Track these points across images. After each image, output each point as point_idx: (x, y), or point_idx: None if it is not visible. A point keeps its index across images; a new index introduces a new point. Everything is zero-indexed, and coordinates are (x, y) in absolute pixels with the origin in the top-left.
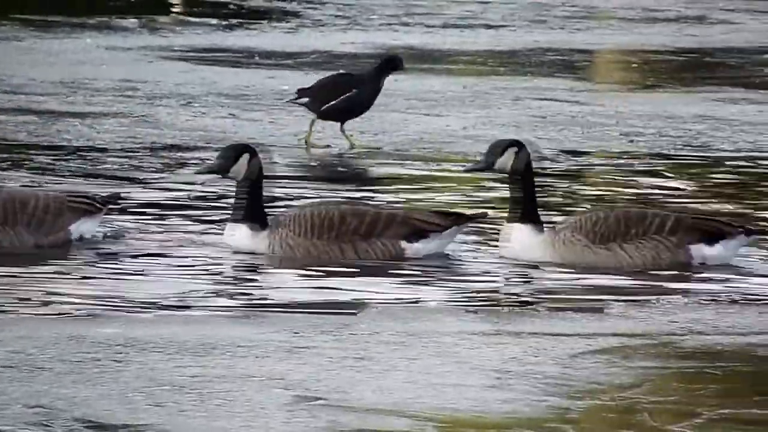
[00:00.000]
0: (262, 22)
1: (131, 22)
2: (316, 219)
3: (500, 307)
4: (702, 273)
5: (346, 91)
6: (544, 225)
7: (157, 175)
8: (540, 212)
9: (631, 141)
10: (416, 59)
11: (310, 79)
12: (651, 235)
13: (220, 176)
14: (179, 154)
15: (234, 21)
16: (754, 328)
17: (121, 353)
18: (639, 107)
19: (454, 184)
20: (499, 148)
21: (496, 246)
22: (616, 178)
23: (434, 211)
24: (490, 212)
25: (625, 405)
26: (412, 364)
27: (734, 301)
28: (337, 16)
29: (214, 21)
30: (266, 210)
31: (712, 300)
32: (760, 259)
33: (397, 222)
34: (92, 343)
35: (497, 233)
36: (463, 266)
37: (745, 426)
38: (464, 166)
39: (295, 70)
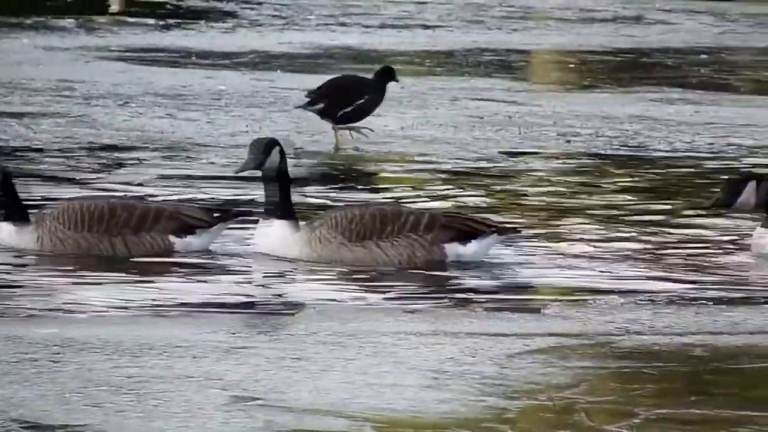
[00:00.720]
0: (199, 22)
1: (69, 22)
2: (85, 212)
3: (438, 307)
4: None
5: (359, 97)
6: (300, 222)
7: (94, 176)
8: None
9: (569, 141)
10: (353, 60)
11: (246, 79)
12: (406, 233)
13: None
14: (116, 154)
15: (171, 21)
16: (691, 329)
17: (58, 353)
18: (576, 107)
19: (393, 185)
20: (264, 147)
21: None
22: (551, 178)
23: (202, 207)
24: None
25: (562, 405)
26: (349, 365)
27: (671, 302)
28: (274, 16)
29: (151, 21)
30: (27, 205)
31: (649, 300)
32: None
33: (165, 216)
34: (29, 343)
35: None
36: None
37: (682, 426)
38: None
39: (232, 70)
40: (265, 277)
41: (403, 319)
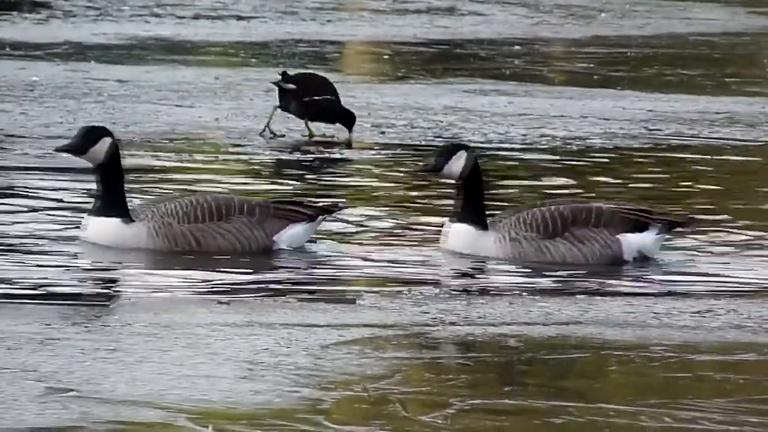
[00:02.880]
0: (12, 13)
1: None
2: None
3: (253, 298)
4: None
5: (330, 93)
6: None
7: None
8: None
9: (383, 132)
10: (168, 50)
11: (59, 70)
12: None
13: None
14: None
15: None
16: (505, 319)
17: None
18: (390, 98)
19: (205, 176)
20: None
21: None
22: (372, 168)
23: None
24: None
25: (377, 396)
26: (164, 356)
27: (484, 292)
28: (87, 7)
29: None
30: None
31: (463, 291)
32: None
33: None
34: None
35: None
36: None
37: (496, 416)
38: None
39: (45, 61)
40: (85, 267)
41: (217, 310)
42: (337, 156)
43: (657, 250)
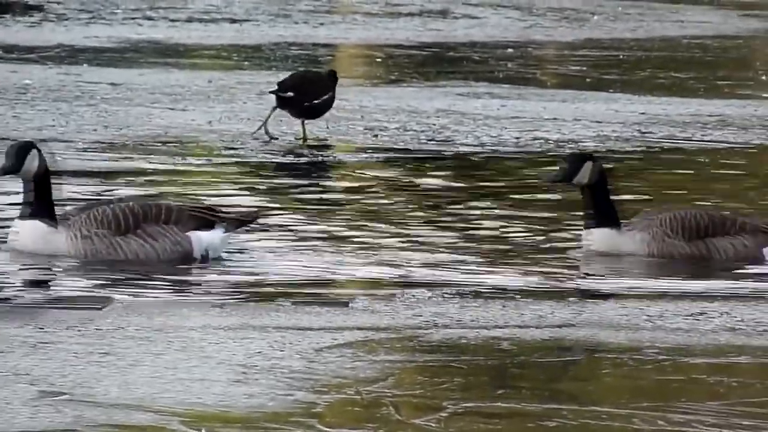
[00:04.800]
0: (4, 16)
1: None
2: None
3: (246, 302)
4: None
5: (325, 92)
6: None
7: None
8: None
9: (376, 135)
10: (160, 53)
11: (52, 72)
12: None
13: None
14: None
15: None
16: (498, 322)
17: None
18: (383, 102)
19: (198, 179)
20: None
21: None
22: (365, 171)
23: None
24: None
25: (370, 399)
26: (157, 359)
27: (478, 295)
28: (80, 10)
29: None
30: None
31: (456, 294)
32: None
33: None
34: None
35: None
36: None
37: (489, 419)
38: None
39: (38, 64)
40: (76, 271)
41: (211, 313)
42: (330, 159)
43: (224, 248)
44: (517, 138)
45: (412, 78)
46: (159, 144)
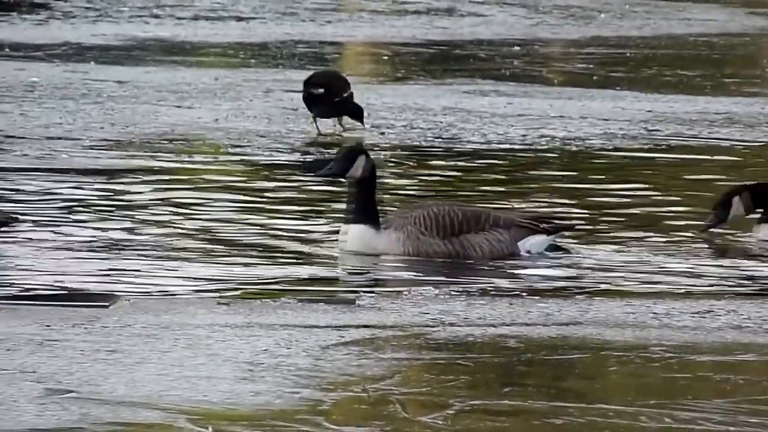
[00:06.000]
0: (11, 13)
1: None
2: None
3: (252, 299)
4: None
5: (349, 87)
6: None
7: None
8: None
9: (382, 133)
10: (167, 51)
11: (59, 70)
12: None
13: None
14: None
15: None
16: (505, 320)
17: None
18: (389, 99)
19: (204, 177)
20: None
21: None
22: None
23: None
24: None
25: (376, 396)
26: (164, 357)
27: (485, 293)
28: (87, 8)
29: None
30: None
31: (463, 291)
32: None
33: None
34: None
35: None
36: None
37: (496, 417)
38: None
39: (45, 62)
40: (84, 269)
41: (217, 310)
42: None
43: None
44: (524, 135)
45: (418, 76)
46: (165, 142)
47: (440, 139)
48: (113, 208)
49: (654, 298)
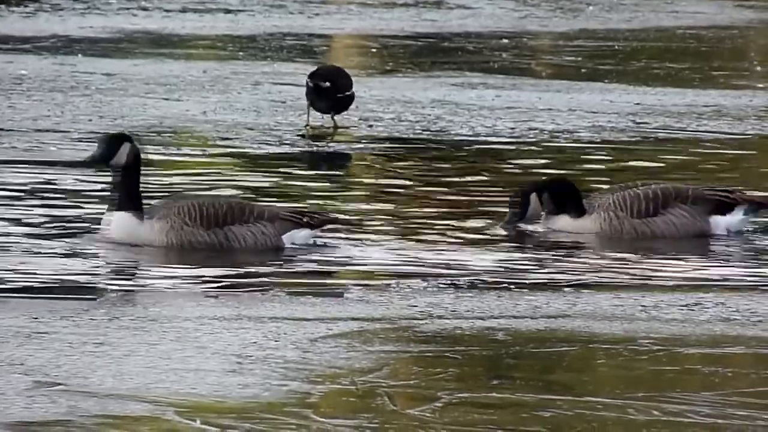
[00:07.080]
0: None
1: None
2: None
3: (241, 292)
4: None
5: (352, 85)
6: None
7: None
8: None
9: (370, 126)
10: (155, 44)
11: (47, 63)
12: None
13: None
14: None
15: None
16: (493, 312)
17: None
18: (377, 92)
19: (193, 169)
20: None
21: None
22: (360, 162)
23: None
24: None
25: (365, 389)
26: (152, 349)
27: (473, 286)
28: (75, 0)
29: None
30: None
31: (451, 284)
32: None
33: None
34: None
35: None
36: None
37: (484, 409)
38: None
39: (33, 55)
40: (73, 262)
41: (205, 303)
42: (325, 149)
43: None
44: (512, 128)
45: (406, 68)
46: (154, 134)
47: (428, 132)
48: (101, 200)
49: (642, 291)
